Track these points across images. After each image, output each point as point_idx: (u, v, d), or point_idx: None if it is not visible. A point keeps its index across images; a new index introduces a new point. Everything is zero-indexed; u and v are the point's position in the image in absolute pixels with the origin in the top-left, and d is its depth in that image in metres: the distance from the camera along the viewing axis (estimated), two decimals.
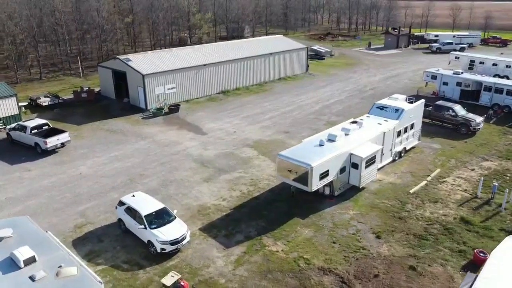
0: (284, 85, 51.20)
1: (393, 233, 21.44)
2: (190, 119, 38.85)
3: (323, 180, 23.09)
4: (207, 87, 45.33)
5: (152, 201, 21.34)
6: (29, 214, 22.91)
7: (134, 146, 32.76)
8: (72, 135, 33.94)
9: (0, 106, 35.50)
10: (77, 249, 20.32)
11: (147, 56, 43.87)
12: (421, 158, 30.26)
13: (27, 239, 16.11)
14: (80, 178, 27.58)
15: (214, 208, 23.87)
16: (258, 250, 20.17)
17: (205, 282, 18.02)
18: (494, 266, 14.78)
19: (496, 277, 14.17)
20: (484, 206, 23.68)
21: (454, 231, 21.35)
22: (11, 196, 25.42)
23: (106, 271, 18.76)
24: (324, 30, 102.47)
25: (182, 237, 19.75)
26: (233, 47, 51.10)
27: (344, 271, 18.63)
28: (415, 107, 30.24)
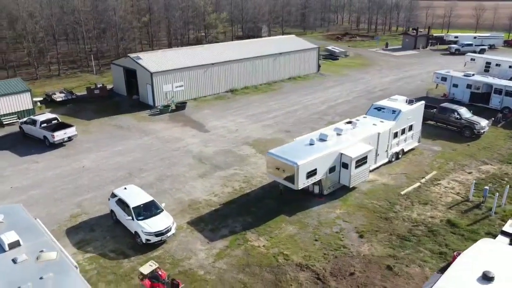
0: (293, 85, 51.47)
1: (377, 233, 21.57)
2: (195, 117, 39.74)
3: (310, 178, 23.42)
4: (215, 86, 46.15)
5: (142, 194, 22.19)
6: (30, 203, 24.39)
7: (138, 141, 33.86)
8: (80, 130, 35.47)
9: (14, 101, 37.34)
10: (69, 237, 21.41)
11: (157, 55, 45.07)
12: (419, 160, 30.08)
13: (16, 225, 17.18)
14: (82, 171, 28.81)
15: (205, 203, 24.57)
16: (240, 244, 20.72)
17: (184, 273, 18.71)
18: (460, 266, 14.83)
19: (459, 277, 14.24)
20: (474, 210, 23.45)
21: (439, 233, 21.30)
22: (17, 186, 26.85)
23: (93, 259, 19.73)
24: (343, 30, 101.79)
25: (167, 229, 20.51)
26: (243, 47, 51.78)
27: (321, 268, 18.95)
28: (413, 109, 30.08)
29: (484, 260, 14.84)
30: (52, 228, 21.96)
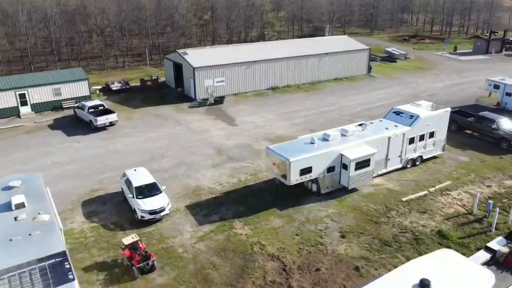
0: (337, 86, 51.16)
1: (360, 235, 21.61)
2: (229, 111, 41.66)
3: (304, 176, 24.01)
4: (257, 83, 47.64)
5: (146, 176, 24.49)
6: (62, 176, 28.09)
7: (169, 130, 36.62)
8: (124, 117, 39.30)
9: (74, 87, 42.27)
10: (83, 207, 24.44)
11: (203, 51, 47.76)
12: (437, 169, 28.92)
13: (28, 190, 20.32)
14: (113, 152, 32.14)
15: (208, 190, 26.29)
16: (225, 231, 22.10)
17: (165, 249, 20.60)
18: (403, 272, 14.81)
19: (396, 281, 14.28)
20: (474, 224, 22.33)
21: (423, 242, 20.77)
22: (57, 161, 30.85)
23: (95, 228, 22.44)
24: (414, 31, 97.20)
25: (160, 209, 22.58)
26: (289, 45, 52.59)
27: (290, 261, 19.67)
28: (435, 116, 28.96)
29: (431, 268, 14.67)
30: (72, 199, 25.35)
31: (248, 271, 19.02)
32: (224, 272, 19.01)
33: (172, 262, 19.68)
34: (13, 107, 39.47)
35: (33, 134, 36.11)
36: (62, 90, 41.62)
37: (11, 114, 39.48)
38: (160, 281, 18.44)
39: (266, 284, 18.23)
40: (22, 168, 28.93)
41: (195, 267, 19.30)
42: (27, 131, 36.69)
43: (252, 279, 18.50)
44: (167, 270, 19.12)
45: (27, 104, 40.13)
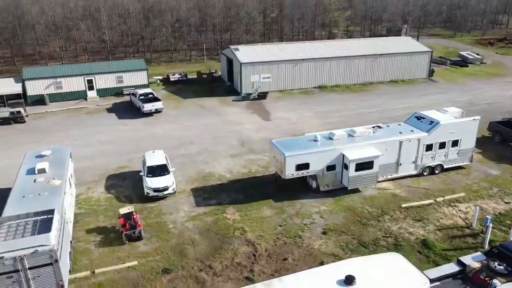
0: (390, 88, 49.52)
1: (342, 234, 21.80)
2: (269, 107, 43.01)
3: (301, 171, 24.67)
4: (304, 81, 48.21)
5: (160, 158, 27.10)
6: (101, 152, 32.07)
7: (207, 120, 39.17)
8: (172, 105, 42.92)
9: (134, 76, 46.94)
10: (107, 180, 27.86)
11: (255, 48, 49.58)
12: (457, 179, 27.39)
13: (54, 159, 24.06)
14: (151, 136, 35.52)
15: (217, 177, 28.16)
16: (216, 214, 23.78)
17: (158, 223, 22.92)
18: (335, 268, 15.21)
19: (323, 275, 14.78)
20: (467, 238, 21.16)
21: (402, 248, 20.33)
22: (102, 139, 35.07)
23: (109, 198, 25.61)
24: (505, 34, 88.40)
25: (164, 188, 25.01)
26: (344, 45, 52.05)
27: (263, 248, 20.71)
28: (459, 123, 27.39)
29: (365, 267, 14.92)
30: (100, 173, 28.97)
31: (221, 252, 20.51)
32: (200, 249, 20.74)
33: (159, 235, 21.93)
34: (82, 90, 45.23)
35: (92, 115, 41.20)
36: (124, 78, 46.53)
37: (80, 97, 45.26)
38: (143, 249, 20.77)
39: (232, 265, 19.58)
40: (73, 143, 33.37)
41: (177, 242, 21.31)
42: (87, 112, 41.95)
43: (221, 259, 19.96)
44: (152, 241, 21.41)
45: (94, 89, 45.66)
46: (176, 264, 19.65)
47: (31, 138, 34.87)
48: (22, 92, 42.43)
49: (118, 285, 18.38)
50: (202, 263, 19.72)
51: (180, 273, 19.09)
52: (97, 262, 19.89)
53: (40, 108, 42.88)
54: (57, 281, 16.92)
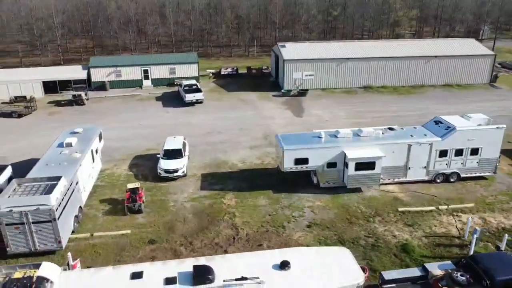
0: (442, 92, 46.91)
1: (326, 229, 22.10)
2: (306, 104, 43.45)
3: (300, 166, 25.25)
4: (348, 80, 47.68)
5: (177, 143, 29.36)
6: (138, 136, 35.26)
7: (241, 113, 40.88)
8: (215, 97, 45.53)
9: (186, 68, 50.25)
10: (132, 159, 30.87)
11: (302, 45, 50.07)
12: (473, 190, 25.86)
13: (84, 136, 27.49)
14: (186, 124, 38.17)
15: (230, 165, 29.74)
16: (215, 198, 25.37)
17: (161, 201, 25.13)
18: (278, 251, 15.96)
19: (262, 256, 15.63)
20: (453, 247, 20.24)
21: (378, 249, 20.16)
22: (144, 124, 38.52)
23: (129, 175, 28.48)
24: None
25: (174, 170, 27.24)
26: (395, 45, 50.24)
27: (244, 233, 21.86)
28: (479, 131, 25.76)
29: (305, 256, 15.55)
30: (130, 153, 32.12)
31: (205, 231, 22.08)
32: (188, 227, 22.53)
33: (158, 211, 24.14)
34: (138, 79, 49.64)
35: (142, 102, 45.17)
36: (176, 70, 50.09)
37: (136, 85, 49.71)
38: (139, 221, 23.12)
39: (210, 244, 21.05)
40: (118, 125, 37.56)
41: (171, 218, 23.33)
42: (139, 99, 46.05)
43: (203, 238, 21.53)
44: (150, 215, 23.68)
45: (149, 78, 49.82)
46: (163, 237, 21.66)
47: (84, 119, 39.50)
48: (87, 78, 47.85)
49: (108, 248, 20.86)
50: (185, 239, 21.48)
51: (163, 245, 21.05)
52: (98, 227, 22.65)
53: (101, 93, 48.01)
54: (55, 237, 19.89)
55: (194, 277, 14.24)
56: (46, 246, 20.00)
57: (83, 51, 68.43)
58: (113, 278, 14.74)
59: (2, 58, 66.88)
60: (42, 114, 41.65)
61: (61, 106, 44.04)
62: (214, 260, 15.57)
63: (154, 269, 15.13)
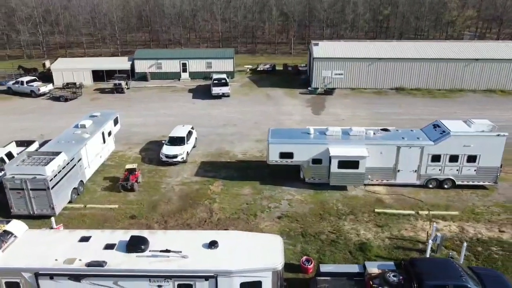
0: (481, 97, 44.03)
1: (294, 222, 22.64)
2: (329, 102, 43.35)
3: (285, 159, 25.92)
4: (380, 81, 46.56)
5: (183, 131, 31.35)
6: (158, 123, 37.90)
7: (263, 108, 42.02)
8: (243, 92, 47.24)
9: (222, 63, 52.41)
10: (145, 144, 33.47)
11: (336, 43, 49.76)
12: (466, 198, 24.68)
13: (98, 120, 30.52)
14: (205, 115, 40.21)
15: (230, 156, 31.16)
16: (204, 184, 26.95)
17: (155, 182, 27.27)
18: (216, 232, 17.07)
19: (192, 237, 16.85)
20: (412, 251, 19.81)
21: (335, 245, 20.38)
22: (169, 113, 41.23)
23: (137, 158, 31.08)
24: None
25: (174, 156, 29.29)
26: (434, 46, 47.86)
27: (216, 218, 23.15)
28: (477, 137, 24.46)
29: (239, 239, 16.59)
30: (146, 138, 34.80)
31: (182, 213, 23.73)
32: (169, 208, 24.35)
33: (149, 191, 26.30)
34: (177, 72, 52.75)
35: (175, 93, 48.11)
36: (212, 64, 52.43)
37: (175, 77, 52.87)
38: (129, 198, 25.42)
39: (182, 224, 22.66)
40: (147, 113, 40.78)
41: (157, 199, 25.35)
42: (173, 91, 49.07)
43: (177, 218, 23.22)
44: (141, 194, 25.91)
45: (187, 71, 52.72)
46: (143, 214, 23.73)
47: (119, 105, 43.19)
48: (131, 69, 51.90)
49: (94, 218, 23.38)
50: (162, 218, 23.35)
51: (141, 221, 23.10)
52: (94, 200, 25.35)
53: (142, 83, 51.86)
54: (49, 203, 22.82)
55: (127, 245, 15.96)
56: (42, 211, 23.00)
57: (138, 44, 73.70)
58: (65, 239, 16.88)
59: (70, 49, 74.40)
60: (86, 100, 46.19)
61: (104, 93, 48.45)
62: (155, 233, 17.14)
63: (102, 235, 17.05)
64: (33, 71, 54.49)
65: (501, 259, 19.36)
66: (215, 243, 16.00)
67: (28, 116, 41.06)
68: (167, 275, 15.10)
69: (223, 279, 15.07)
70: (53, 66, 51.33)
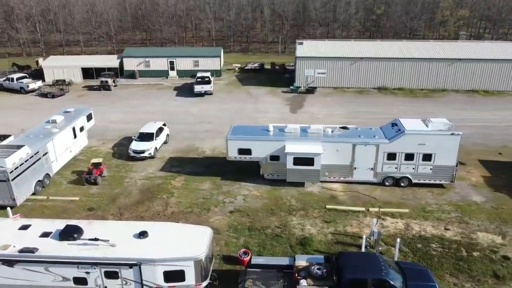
0: (463, 98, 43.88)
1: (245, 216, 23.09)
2: (309, 101, 43.68)
3: (244, 156, 26.39)
4: (362, 80, 46.69)
5: (153, 128, 32.04)
6: (137, 120, 38.57)
7: (241, 105, 42.56)
8: (227, 90, 47.97)
9: (209, 62, 53.05)
10: (120, 140, 34.23)
11: (319, 43, 50.09)
12: (420, 197, 24.88)
13: (70, 115, 31.35)
14: (184, 112, 40.91)
15: (199, 152, 31.76)
16: (166, 179, 27.48)
17: (120, 177, 28.00)
18: (149, 224, 17.69)
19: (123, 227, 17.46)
20: (352, 247, 20.15)
21: (278, 239, 20.83)
22: (150, 110, 41.97)
23: (108, 153, 31.85)
24: None
25: (141, 151, 30.03)
26: (419, 46, 47.84)
27: (170, 211, 23.74)
28: (431, 136, 24.61)
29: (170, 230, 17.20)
30: (121, 134, 35.55)
31: (138, 206, 24.37)
32: (127, 201, 25.02)
33: (112, 185, 27.05)
34: (165, 70, 53.57)
35: (160, 91, 48.91)
36: (199, 63, 53.11)
37: (163, 75, 53.69)
38: (92, 191, 26.18)
39: (136, 217, 23.26)
40: (128, 110, 41.59)
41: (118, 192, 26.07)
42: (159, 88, 49.87)
43: (133, 211, 23.84)
44: (104, 188, 26.65)
45: (174, 69, 53.50)
46: (102, 206, 24.46)
47: (103, 102, 44.17)
48: (119, 67, 52.88)
49: (54, 210, 24.18)
50: (119, 210, 24.06)
51: (98, 213, 23.82)
52: (57, 192, 26.19)
53: (131, 81, 52.79)
54: (10, 195, 23.69)
55: (60, 233, 16.68)
56: (3, 201, 23.84)
57: (134, 43, 74.85)
58: (8, 227, 17.71)
59: (68, 47, 75.91)
60: (73, 96, 47.23)
61: (91, 90, 49.50)
62: (92, 223, 17.87)
63: (42, 224, 17.81)
64: (26, 68, 55.89)
65: (438, 256, 19.61)
66: (145, 233, 16.63)
67: (14, 112, 42.23)
68: (94, 262, 15.80)
69: (147, 267, 15.71)
70: (44, 64, 52.57)
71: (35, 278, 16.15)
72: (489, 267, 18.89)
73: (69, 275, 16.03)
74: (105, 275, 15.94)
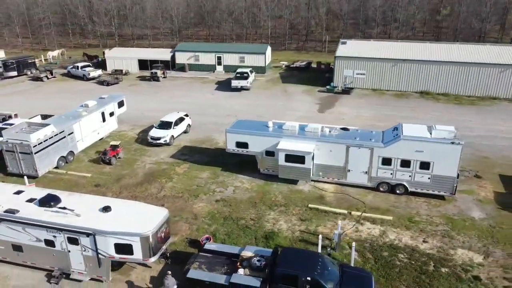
0: None
1: (227, 206, 23.95)
2: (341, 102, 42.83)
3: (241, 149, 27.23)
4: (403, 83, 44.50)
5: (173, 117, 34.07)
6: (172, 110, 41.17)
7: (273, 102, 43.17)
8: (265, 86, 48.96)
9: (254, 58, 54.29)
10: (146, 126, 36.92)
11: (363, 42, 48.53)
12: (413, 206, 23.68)
13: (103, 101, 34.62)
14: (215, 105, 42.60)
15: (213, 143, 33.21)
16: (172, 165, 29.32)
17: (133, 159, 30.43)
18: (114, 200, 19.42)
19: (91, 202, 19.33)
20: (314, 246, 19.97)
21: (246, 230, 21.42)
22: (186, 101, 44.42)
23: (132, 137, 34.63)
24: None
25: (158, 138, 32.26)
26: (469, 49, 44.09)
27: (162, 194, 25.47)
28: (429, 143, 23.22)
29: (131, 208, 18.86)
30: (152, 121, 38.22)
31: (137, 186, 26.48)
32: (131, 181, 27.27)
33: (124, 166, 29.55)
34: (212, 64, 55.91)
35: (204, 84, 51.27)
36: (245, 59, 54.56)
37: (211, 69, 56.11)
38: (105, 170, 28.90)
39: (132, 196, 25.29)
40: (167, 100, 44.41)
41: (126, 173, 28.46)
42: (203, 82, 52.29)
43: (131, 191, 25.95)
44: (116, 168, 29.25)
45: (221, 64, 55.60)
46: (107, 184, 26.98)
47: (148, 91, 47.64)
48: (172, 60, 56.32)
49: (68, 182, 27.20)
50: (120, 189, 26.38)
51: (101, 189, 26.39)
52: (77, 168, 29.33)
53: (180, 73, 56.04)
54: (33, 166, 27.20)
55: (39, 200, 19.12)
56: (28, 171, 27.46)
57: (198, 39, 78.68)
58: (6, 191, 20.68)
59: (139, 40, 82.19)
60: (125, 85, 51.55)
61: (143, 80, 53.51)
62: (72, 195, 20.18)
63: (32, 191, 20.53)
64: (94, 58, 61.98)
65: (400, 266, 18.82)
66: (108, 208, 18.42)
67: (71, 95, 47.33)
68: (59, 228, 17.95)
69: (100, 238, 17.47)
70: (107, 55, 57.94)
71: (16, 236, 18.75)
72: (453, 285, 17.74)
73: (41, 237, 18.37)
74: (68, 240, 18.02)
